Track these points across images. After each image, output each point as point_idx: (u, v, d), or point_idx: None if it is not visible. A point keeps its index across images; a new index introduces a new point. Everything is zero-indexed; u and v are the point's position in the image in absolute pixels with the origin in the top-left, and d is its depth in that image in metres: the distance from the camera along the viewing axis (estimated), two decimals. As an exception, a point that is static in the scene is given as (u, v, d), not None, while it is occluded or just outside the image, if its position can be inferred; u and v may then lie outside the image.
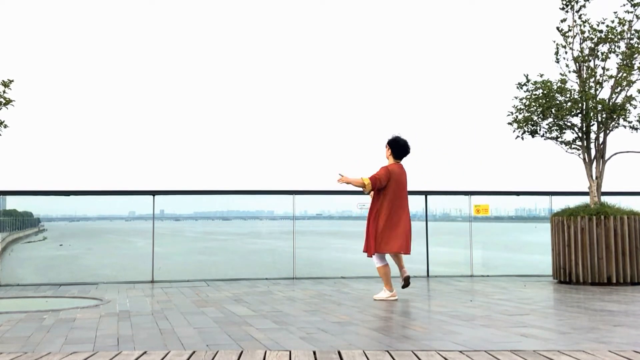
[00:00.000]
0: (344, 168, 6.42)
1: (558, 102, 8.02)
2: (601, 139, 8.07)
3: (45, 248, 10.74)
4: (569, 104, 7.99)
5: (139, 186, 9.35)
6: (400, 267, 6.48)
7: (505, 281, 8.23)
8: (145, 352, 3.55)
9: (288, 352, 3.51)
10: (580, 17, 8.15)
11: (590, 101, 7.92)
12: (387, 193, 6.26)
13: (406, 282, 6.43)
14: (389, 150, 6.44)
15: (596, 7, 8.22)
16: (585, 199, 8.16)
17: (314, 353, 3.49)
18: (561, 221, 7.90)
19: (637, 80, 8.00)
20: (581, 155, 8.13)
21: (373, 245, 6.25)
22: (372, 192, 6.42)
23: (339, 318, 5.01)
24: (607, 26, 8.01)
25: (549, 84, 8.07)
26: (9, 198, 9.20)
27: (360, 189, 6.39)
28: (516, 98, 8.33)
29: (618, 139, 8.14)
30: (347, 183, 6.33)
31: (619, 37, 7.98)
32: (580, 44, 8.15)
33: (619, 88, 8.00)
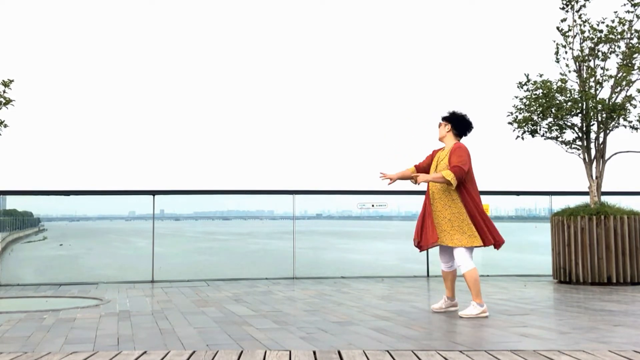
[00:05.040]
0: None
1: (558, 102, 8.02)
2: (601, 139, 8.07)
3: (45, 248, 10.73)
4: (569, 103, 7.99)
5: (139, 186, 9.35)
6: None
7: (505, 281, 8.22)
8: (145, 352, 3.56)
9: (288, 352, 3.51)
10: (580, 17, 8.15)
11: (590, 101, 7.92)
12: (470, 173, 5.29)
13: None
14: (447, 126, 5.40)
15: (596, 7, 8.23)
16: (585, 199, 8.16)
17: (314, 353, 3.49)
18: (561, 221, 7.89)
19: (637, 80, 8.00)
20: (581, 155, 8.13)
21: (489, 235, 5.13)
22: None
23: (339, 318, 5.01)
24: (608, 26, 8.01)
25: (548, 84, 8.07)
26: (9, 198, 9.20)
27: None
28: (516, 98, 8.33)
29: (618, 139, 8.14)
30: (426, 182, 5.30)
31: (619, 36, 7.98)
32: (580, 43, 8.15)
33: (619, 88, 8.00)
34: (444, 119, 5.45)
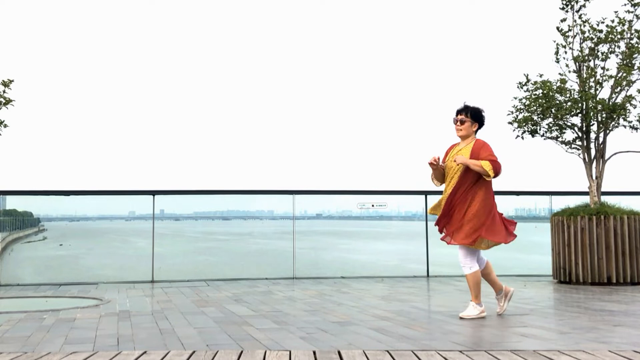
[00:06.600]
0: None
1: (558, 102, 8.02)
2: (601, 139, 8.07)
3: (45, 248, 10.73)
4: (569, 103, 7.99)
5: (139, 186, 9.35)
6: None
7: (505, 281, 8.21)
8: (145, 352, 3.55)
9: (288, 352, 3.51)
10: (580, 17, 8.16)
11: (590, 101, 7.92)
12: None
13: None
14: (475, 125, 5.15)
15: (596, 7, 8.23)
16: (585, 199, 8.16)
17: (314, 353, 3.49)
18: (561, 221, 7.89)
19: (637, 80, 8.00)
20: (581, 155, 8.13)
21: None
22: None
23: (339, 318, 5.01)
24: (607, 26, 8.01)
25: (548, 84, 8.07)
26: (9, 198, 9.20)
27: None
28: (516, 98, 8.33)
29: (618, 139, 8.15)
30: (465, 164, 5.00)
31: (619, 37, 7.98)
32: (580, 43, 8.16)
33: (619, 88, 8.00)
34: (472, 116, 5.13)
